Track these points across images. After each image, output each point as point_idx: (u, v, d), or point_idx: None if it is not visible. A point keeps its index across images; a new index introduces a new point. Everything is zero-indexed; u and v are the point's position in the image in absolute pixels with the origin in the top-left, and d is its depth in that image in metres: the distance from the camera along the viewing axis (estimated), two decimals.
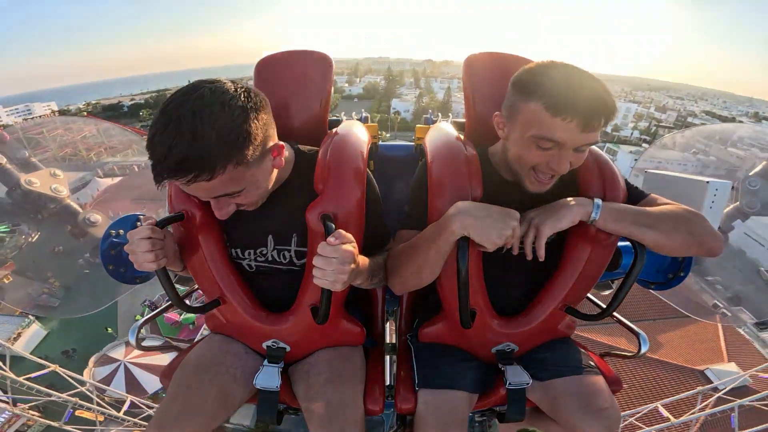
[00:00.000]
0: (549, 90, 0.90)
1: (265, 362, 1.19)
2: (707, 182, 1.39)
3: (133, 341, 1.34)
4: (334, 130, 1.22)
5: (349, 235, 0.93)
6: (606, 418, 1.06)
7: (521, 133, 0.98)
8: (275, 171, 1.01)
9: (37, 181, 2.46)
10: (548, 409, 1.17)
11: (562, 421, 1.12)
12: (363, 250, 1.09)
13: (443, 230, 0.99)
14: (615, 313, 1.23)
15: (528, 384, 1.14)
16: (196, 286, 1.33)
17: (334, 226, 0.97)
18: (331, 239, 0.89)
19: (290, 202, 1.11)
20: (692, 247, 1.02)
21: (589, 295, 1.35)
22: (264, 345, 1.19)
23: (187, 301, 1.10)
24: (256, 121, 0.86)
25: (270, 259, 1.15)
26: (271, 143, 0.94)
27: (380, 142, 1.87)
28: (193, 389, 1.11)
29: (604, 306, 1.13)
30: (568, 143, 0.93)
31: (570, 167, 0.98)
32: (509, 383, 1.14)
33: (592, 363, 1.22)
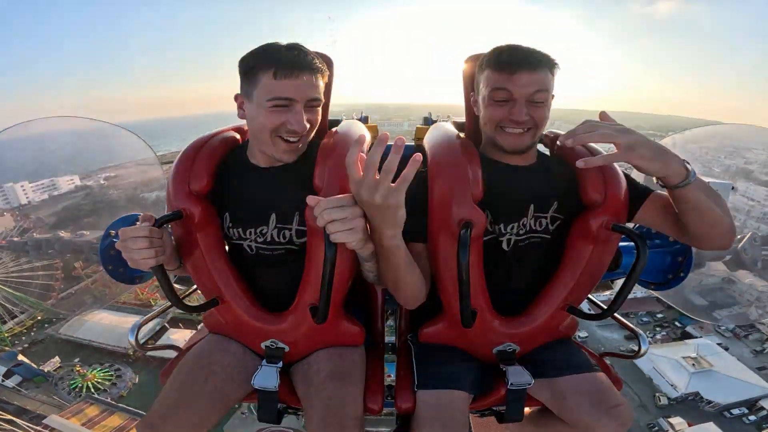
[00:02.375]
0: (494, 55, 1.10)
1: (264, 362, 1.18)
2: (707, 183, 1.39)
3: (133, 341, 1.34)
4: (333, 129, 1.22)
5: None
6: (620, 415, 1.06)
7: (483, 95, 1.12)
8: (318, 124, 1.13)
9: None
10: (557, 407, 1.16)
11: (573, 420, 1.11)
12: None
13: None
14: (615, 314, 1.23)
15: (530, 384, 1.14)
16: (195, 287, 1.33)
17: None
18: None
19: (296, 180, 1.12)
20: (725, 236, 1.06)
21: (589, 295, 1.35)
22: (263, 345, 1.19)
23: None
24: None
25: (269, 239, 1.15)
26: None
27: None
28: (186, 388, 1.11)
29: (605, 306, 1.13)
30: (516, 92, 1.05)
31: (532, 121, 1.07)
32: (510, 383, 1.14)
33: (595, 362, 1.22)
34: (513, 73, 1.05)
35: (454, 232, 1.04)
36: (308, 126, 1.06)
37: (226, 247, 1.19)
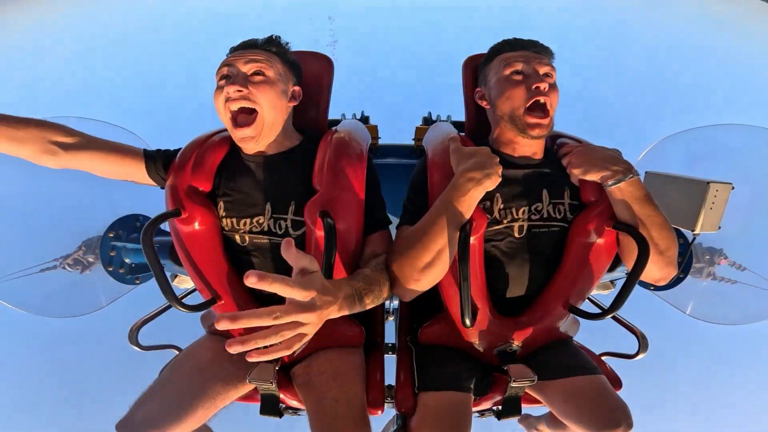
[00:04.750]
0: (501, 44, 1.20)
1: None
2: (708, 183, 1.39)
3: (132, 340, 1.34)
4: (333, 128, 1.22)
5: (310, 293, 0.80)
6: (622, 417, 1.06)
7: (497, 82, 1.15)
8: (287, 113, 1.16)
9: None
10: (557, 409, 1.16)
11: (575, 422, 1.10)
12: (363, 232, 1.11)
13: (460, 199, 0.98)
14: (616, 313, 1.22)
15: (532, 381, 1.13)
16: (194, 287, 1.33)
17: (333, 222, 0.97)
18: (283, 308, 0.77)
19: (291, 170, 1.13)
20: (655, 268, 1.07)
21: (590, 295, 1.35)
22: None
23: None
24: (297, 60, 1.22)
25: (266, 229, 1.13)
26: (295, 79, 1.20)
27: (380, 143, 1.87)
28: (169, 387, 1.10)
29: (606, 307, 1.13)
30: (532, 61, 1.12)
31: (550, 99, 1.10)
32: (513, 380, 1.13)
33: (595, 363, 1.22)
34: (524, 48, 1.15)
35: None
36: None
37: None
